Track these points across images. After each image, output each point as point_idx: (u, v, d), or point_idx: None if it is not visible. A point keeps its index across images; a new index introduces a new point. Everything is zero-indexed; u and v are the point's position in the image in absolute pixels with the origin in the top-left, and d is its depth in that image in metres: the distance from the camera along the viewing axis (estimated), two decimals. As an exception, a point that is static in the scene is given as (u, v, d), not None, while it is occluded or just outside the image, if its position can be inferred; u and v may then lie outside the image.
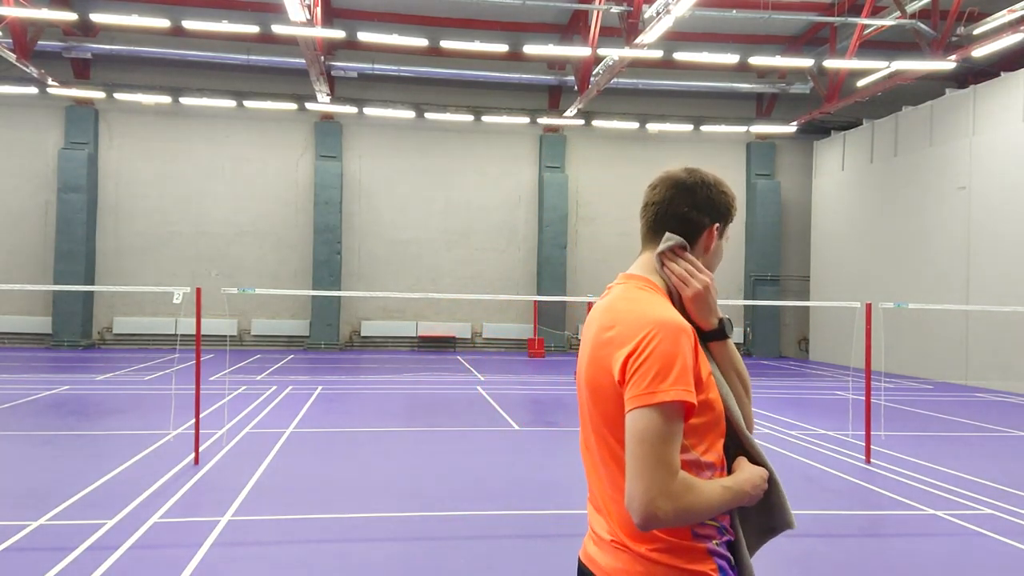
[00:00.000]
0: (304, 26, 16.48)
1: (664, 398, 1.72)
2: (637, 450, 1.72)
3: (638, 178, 26.97)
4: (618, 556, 1.86)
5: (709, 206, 2.03)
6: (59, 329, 23.46)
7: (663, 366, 1.74)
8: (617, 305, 1.93)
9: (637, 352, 1.77)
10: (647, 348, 1.77)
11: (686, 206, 2.02)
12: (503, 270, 26.31)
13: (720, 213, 2.05)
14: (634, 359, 1.77)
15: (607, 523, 1.91)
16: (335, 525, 6.64)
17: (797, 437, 11.19)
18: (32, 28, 20.23)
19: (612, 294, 2.01)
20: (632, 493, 1.72)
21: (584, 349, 2.00)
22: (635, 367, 1.76)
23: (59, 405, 12.74)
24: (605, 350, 1.86)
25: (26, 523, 6.36)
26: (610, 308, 1.94)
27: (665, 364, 1.74)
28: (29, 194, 24.18)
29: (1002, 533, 6.70)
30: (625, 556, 1.85)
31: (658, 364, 1.74)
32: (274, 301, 25.13)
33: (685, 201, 2.03)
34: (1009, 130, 17.96)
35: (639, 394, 1.74)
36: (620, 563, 1.86)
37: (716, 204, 2.04)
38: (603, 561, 1.90)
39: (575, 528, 6.74)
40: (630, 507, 1.73)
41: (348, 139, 25.72)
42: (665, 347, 1.76)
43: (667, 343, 1.76)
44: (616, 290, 2.01)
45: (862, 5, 19.56)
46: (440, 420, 12.25)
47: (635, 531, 1.82)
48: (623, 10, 17.49)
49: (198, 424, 8.82)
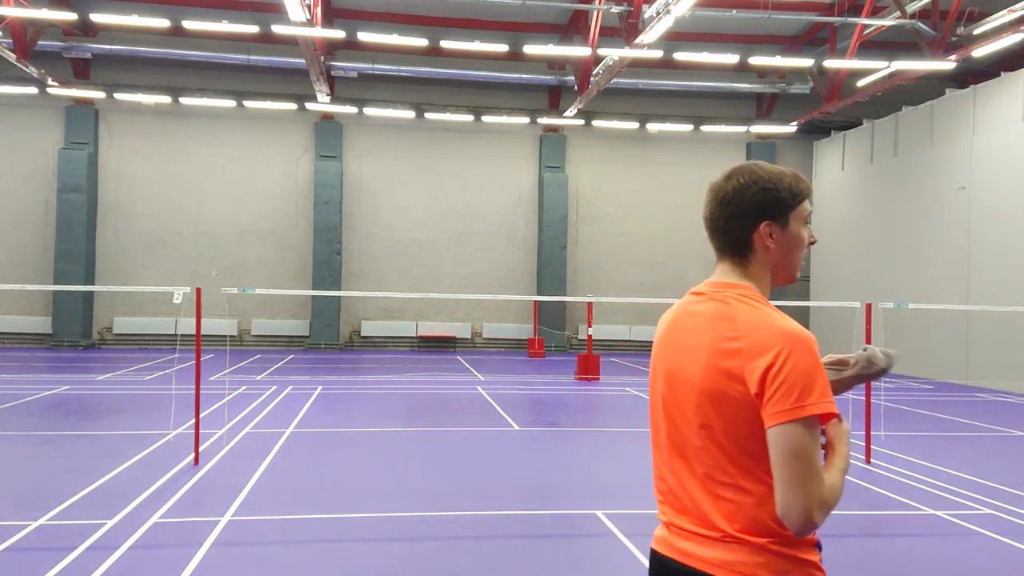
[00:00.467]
0: (304, 26, 16.48)
1: (813, 411, 1.83)
2: (793, 463, 1.83)
3: (638, 178, 27.02)
4: (734, 549, 1.94)
5: (747, 211, 2.05)
6: (59, 329, 23.46)
7: (808, 381, 1.84)
8: (737, 315, 1.97)
9: (776, 366, 1.86)
10: (787, 363, 1.85)
11: (723, 218, 2.08)
12: (503, 270, 26.31)
13: (766, 211, 2.05)
14: (774, 373, 1.86)
15: (708, 517, 1.99)
16: (335, 525, 6.64)
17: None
18: (32, 28, 20.22)
19: (720, 302, 2.04)
20: (790, 504, 1.84)
21: (687, 354, 2.04)
22: (778, 382, 1.85)
23: (59, 405, 12.74)
24: (733, 360, 1.92)
25: (26, 523, 6.36)
26: (727, 317, 1.99)
27: (809, 379, 1.85)
28: (29, 194, 24.18)
29: (1002, 533, 6.70)
30: (743, 549, 1.93)
31: (803, 379, 1.84)
32: (274, 301, 25.13)
33: (722, 213, 2.08)
34: (1009, 130, 17.96)
35: (788, 408, 1.83)
36: (737, 555, 1.94)
37: (755, 206, 2.05)
38: (711, 555, 1.97)
39: (575, 528, 6.75)
40: (787, 517, 1.85)
41: (348, 139, 25.72)
42: (805, 362, 1.86)
43: (806, 357, 1.86)
44: (723, 298, 2.04)
45: (862, 5, 19.55)
46: (440, 420, 12.25)
47: (753, 526, 1.93)
48: (623, 10, 17.49)
49: (198, 424, 8.82)
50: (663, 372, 2.11)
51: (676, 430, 2.06)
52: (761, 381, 1.87)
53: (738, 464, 1.94)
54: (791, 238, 2.08)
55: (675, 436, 2.07)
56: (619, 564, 5.81)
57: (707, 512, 1.98)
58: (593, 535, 6.51)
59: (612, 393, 15.95)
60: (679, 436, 2.06)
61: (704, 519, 1.99)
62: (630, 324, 26.74)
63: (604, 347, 25.70)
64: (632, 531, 6.52)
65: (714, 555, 1.96)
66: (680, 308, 2.14)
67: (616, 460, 9.51)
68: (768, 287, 2.10)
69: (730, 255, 2.10)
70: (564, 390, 16.34)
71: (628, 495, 7.78)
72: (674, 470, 2.08)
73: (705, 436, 1.99)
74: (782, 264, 2.10)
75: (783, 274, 2.13)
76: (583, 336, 25.01)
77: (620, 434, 11.35)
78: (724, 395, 1.94)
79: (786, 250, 2.08)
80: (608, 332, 26.19)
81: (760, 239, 2.05)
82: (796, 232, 2.08)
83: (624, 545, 6.20)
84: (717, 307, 2.03)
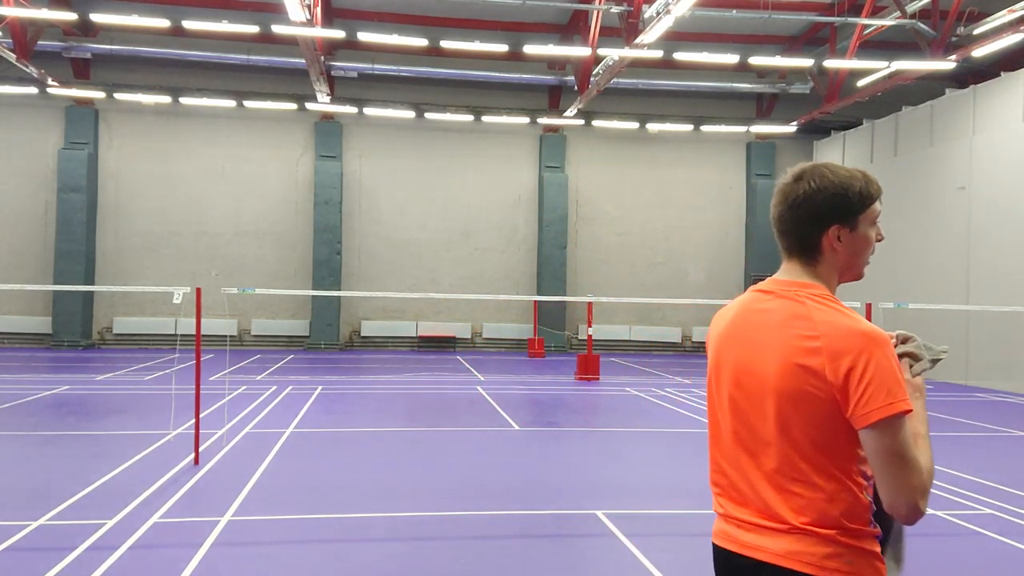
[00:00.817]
0: (304, 26, 16.48)
1: (904, 407, 1.92)
2: (893, 461, 1.92)
3: (638, 178, 27.02)
4: (802, 540, 2.01)
5: (815, 215, 2.09)
6: (59, 329, 23.46)
7: (893, 379, 1.93)
8: (813, 315, 2.02)
9: (860, 367, 1.92)
10: (871, 363, 1.92)
11: (792, 220, 2.12)
12: (503, 270, 26.31)
13: (835, 216, 2.09)
14: (860, 373, 1.92)
15: (774, 510, 2.05)
16: (335, 525, 6.64)
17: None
18: (32, 28, 20.22)
19: (793, 301, 2.08)
20: (896, 501, 1.93)
21: (759, 351, 2.08)
22: (865, 382, 1.92)
23: (59, 405, 12.74)
24: (812, 358, 1.97)
25: (26, 523, 6.36)
26: (803, 316, 2.03)
27: (894, 377, 1.93)
28: (29, 194, 24.18)
29: (1002, 533, 6.70)
30: (811, 540, 2.00)
31: (889, 378, 1.92)
32: (274, 301, 25.13)
33: (792, 216, 2.12)
34: (1009, 130, 17.96)
35: (880, 407, 1.91)
36: (805, 546, 2.01)
37: (823, 210, 2.08)
38: (778, 546, 2.03)
39: (575, 528, 6.74)
40: (895, 511, 1.95)
41: (348, 139, 25.72)
42: (887, 361, 1.94)
43: (886, 357, 1.94)
44: (797, 296, 2.08)
45: (862, 5, 19.55)
46: (440, 420, 12.25)
47: (822, 519, 1.99)
48: (623, 10, 17.49)
49: (198, 424, 8.83)
50: (731, 369, 2.15)
51: (744, 426, 2.11)
52: (845, 382, 1.93)
53: (812, 461, 2.00)
54: (859, 240, 2.12)
55: (742, 432, 2.12)
56: (619, 564, 5.81)
57: (773, 505, 2.04)
58: (593, 535, 6.51)
59: (612, 393, 15.95)
60: (747, 432, 2.10)
61: (769, 512, 2.05)
62: (630, 324, 26.74)
63: (604, 347, 25.70)
64: (632, 531, 6.53)
65: (781, 546, 2.02)
66: (746, 305, 2.17)
67: (616, 460, 9.51)
68: (835, 286, 2.15)
69: (798, 255, 2.14)
70: (564, 390, 16.34)
71: (628, 495, 7.78)
72: (738, 465, 2.13)
73: (779, 433, 2.03)
74: (849, 264, 2.15)
75: (850, 273, 2.17)
76: (583, 336, 25.01)
77: (620, 434, 11.35)
78: (803, 393, 1.98)
79: (854, 251, 2.12)
80: (608, 332, 26.20)
81: (828, 242, 2.10)
82: (864, 234, 2.12)
83: (624, 545, 6.20)
84: (790, 306, 2.06)
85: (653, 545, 6.23)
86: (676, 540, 6.55)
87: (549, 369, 20.60)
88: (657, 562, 5.80)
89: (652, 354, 26.17)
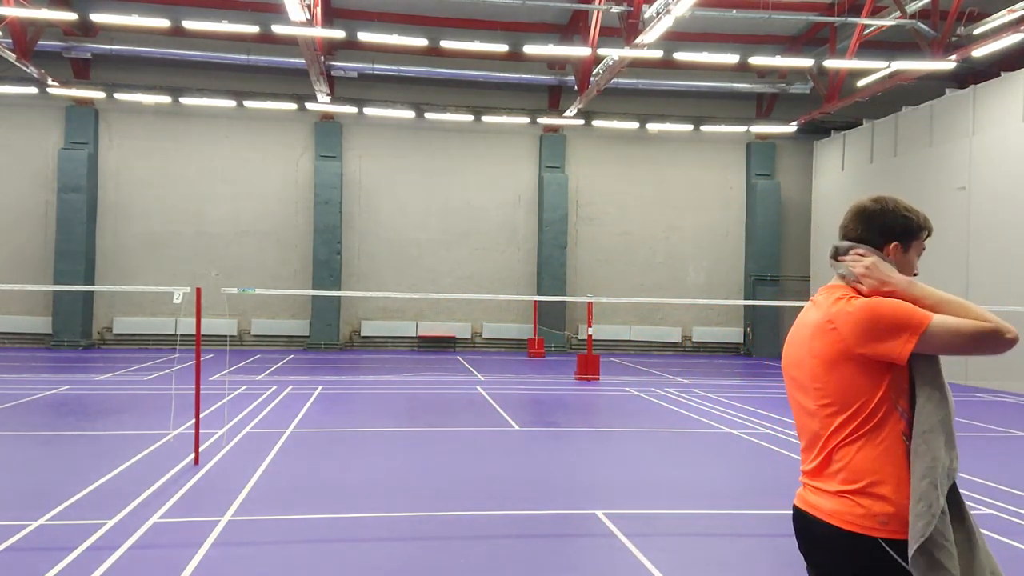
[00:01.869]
0: (304, 26, 16.48)
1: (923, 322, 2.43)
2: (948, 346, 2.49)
3: (638, 178, 27.02)
4: (843, 502, 2.41)
5: (884, 229, 2.54)
6: (59, 329, 23.46)
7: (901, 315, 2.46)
8: (830, 308, 2.52)
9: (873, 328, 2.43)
10: (879, 319, 2.43)
11: (859, 230, 2.58)
12: (503, 270, 26.32)
13: (896, 233, 2.55)
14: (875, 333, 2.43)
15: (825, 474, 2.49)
16: (335, 525, 6.64)
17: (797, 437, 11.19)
18: (32, 28, 20.23)
19: (821, 305, 2.55)
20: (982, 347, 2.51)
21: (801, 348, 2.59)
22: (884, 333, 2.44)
23: (59, 405, 12.75)
24: (834, 336, 2.49)
25: (26, 523, 6.36)
26: (825, 310, 2.53)
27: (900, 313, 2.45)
28: (29, 194, 24.18)
29: (1002, 533, 6.70)
30: (849, 501, 2.40)
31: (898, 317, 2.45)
32: (274, 301, 25.14)
33: (859, 225, 2.58)
34: (1009, 130, 17.96)
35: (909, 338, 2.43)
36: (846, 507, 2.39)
37: (891, 227, 2.54)
38: (828, 506, 2.44)
39: (575, 528, 6.75)
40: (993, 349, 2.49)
41: (348, 139, 25.72)
42: (887, 307, 2.45)
43: (885, 305, 2.47)
44: (829, 298, 2.54)
45: (862, 5, 19.55)
46: (440, 420, 12.25)
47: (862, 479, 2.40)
48: (623, 10, 17.49)
49: (198, 424, 8.83)
50: (790, 365, 2.63)
51: (802, 408, 2.57)
52: (871, 346, 2.37)
53: (849, 420, 2.41)
54: (906, 262, 2.57)
55: (802, 414, 2.59)
56: (619, 564, 5.81)
57: (823, 465, 2.47)
58: (593, 535, 6.51)
59: (612, 393, 15.95)
60: (805, 413, 2.56)
61: (822, 474, 2.48)
62: (630, 324, 26.74)
63: (604, 347, 25.70)
64: (632, 531, 6.53)
65: (829, 506, 2.42)
66: (803, 313, 2.67)
67: (616, 460, 9.51)
68: None
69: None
70: (564, 390, 16.34)
71: (628, 495, 7.78)
72: (802, 437, 2.61)
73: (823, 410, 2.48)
74: None
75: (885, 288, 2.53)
76: (583, 336, 25.02)
77: (620, 434, 11.35)
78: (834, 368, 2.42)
79: (899, 270, 2.55)
80: (608, 332, 26.21)
81: (887, 255, 2.54)
82: (911, 258, 2.59)
83: (624, 545, 6.20)
84: (821, 308, 2.53)
85: (653, 545, 6.23)
86: (676, 540, 6.55)
87: (549, 369, 20.60)
88: (657, 562, 5.80)
89: (652, 354, 26.17)
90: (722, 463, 9.57)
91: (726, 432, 11.51)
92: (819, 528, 2.42)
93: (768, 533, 6.77)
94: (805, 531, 2.52)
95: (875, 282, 2.47)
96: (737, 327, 27.28)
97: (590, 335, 18.71)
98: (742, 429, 11.76)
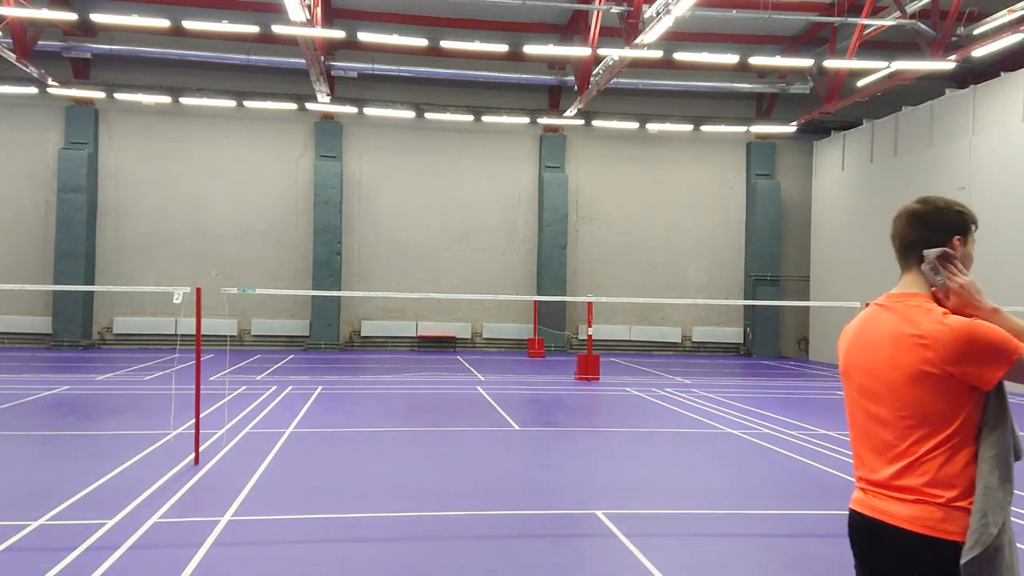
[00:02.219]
0: (304, 26, 16.48)
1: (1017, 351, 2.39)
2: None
3: (638, 178, 27.02)
4: (923, 508, 2.39)
5: (943, 227, 2.56)
6: (59, 329, 23.46)
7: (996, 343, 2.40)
8: (921, 323, 2.46)
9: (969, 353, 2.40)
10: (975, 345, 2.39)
11: (917, 233, 2.59)
12: (503, 270, 26.32)
13: (956, 228, 2.56)
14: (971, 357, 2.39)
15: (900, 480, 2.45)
16: (335, 525, 6.64)
17: (797, 437, 11.19)
18: (32, 28, 20.23)
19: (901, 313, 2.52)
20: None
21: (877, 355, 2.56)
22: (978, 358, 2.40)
23: (59, 405, 12.75)
24: (927, 353, 2.43)
25: (26, 523, 6.36)
26: (912, 323, 2.48)
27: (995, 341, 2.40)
28: (29, 194, 24.18)
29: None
30: (930, 507, 2.38)
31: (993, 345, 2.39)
32: (274, 301, 25.14)
33: (921, 228, 2.58)
34: (1009, 130, 17.96)
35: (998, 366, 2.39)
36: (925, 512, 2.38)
37: (950, 223, 2.56)
38: (903, 512, 2.42)
39: (575, 528, 6.74)
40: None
41: (348, 139, 25.72)
42: (985, 332, 2.40)
43: (983, 330, 2.40)
44: (907, 307, 2.53)
45: (862, 5, 19.56)
46: (440, 420, 12.25)
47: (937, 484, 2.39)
48: (623, 10, 17.49)
49: (198, 424, 8.83)
50: (858, 371, 2.60)
51: (869, 414, 2.54)
52: (963, 369, 2.34)
53: (929, 436, 2.40)
54: (967, 255, 2.59)
55: (869, 419, 2.55)
56: (619, 564, 5.81)
57: (899, 475, 2.44)
58: (593, 535, 6.51)
59: (612, 393, 15.95)
60: (873, 418, 2.53)
61: (896, 484, 2.44)
62: (630, 324, 26.74)
63: (604, 347, 25.70)
64: (632, 531, 6.53)
65: (906, 512, 2.41)
66: (867, 318, 2.65)
67: (616, 460, 9.51)
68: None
69: (917, 268, 2.60)
70: (564, 390, 16.34)
71: (628, 495, 7.78)
72: (868, 444, 2.55)
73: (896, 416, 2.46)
74: None
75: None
76: (583, 336, 25.02)
77: (620, 434, 11.35)
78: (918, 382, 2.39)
79: (962, 262, 2.55)
80: (608, 332, 26.21)
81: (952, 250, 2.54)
82: (970, 250, 2.60)
83: (624, 545, 6.20)
84: (900, 316, 2.51)
85: (653, 545, 6.23)
86: (676, 540, 6.55)
87: (549, 369, 20.60)
88: (657, 562, 5.80)
89: (652, 354, 26.17)
90: (722, 463, 9.57)
91: (726, 432, 11.51)
92: (892, 534, 2.42)
93: (768, 533, 6.77)
94: (871, 538, 2.51)
95: (962, 303, 2.46)
96: (737, 327, 27.28)
97: (590, 335, 18.71)
98: (742, 429, 11.76)
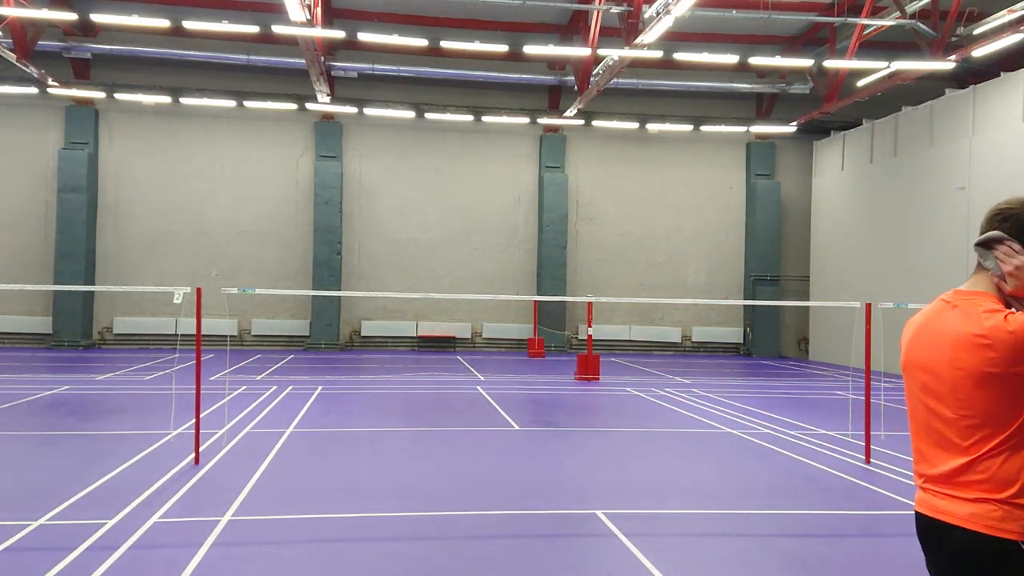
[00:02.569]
0: (304, 26, 16.48)
1: None
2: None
3: (638, 178, 27.02)
4: (982, 504, 2.40)
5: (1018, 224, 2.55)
6: (59, 329, 23.47)
7: None
8: (984, 323, 2.46)
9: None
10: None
11: (1007, 229, 2.54)
12: (503, 270, 26.32)
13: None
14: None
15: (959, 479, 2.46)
16: (335, 525, 6.64)
17: (797, 437, 11.20)
18: (32, 28, 20.23)
19: (966, 312, 2.51)
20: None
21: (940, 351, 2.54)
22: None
23: (59, 405, 12.75)
24: (989, 354, 2.42)
25: (26, 523, 6.36)
26: (975, 321, 2.48)
27: None
28: (29, 194, 24.18)
29: None
30: (989, 504, 2.40)
31: None
32: (274, 301, 25.14)
33: (1006, 225, 2.54)
34: (1009, 130, 17.96)
35: None
36: (985, 509, 2.40)
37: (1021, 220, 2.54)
38: (963, 510, 2.43)
39: (575, 528, 6.75)
40: None
41: (348, 139, 25.72)
42: None
43: None
44: (972, 305, 2.52)
45: (862, 5, 19.55)
46: (440, 420, 12.25)
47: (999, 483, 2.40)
48: (623, 10, 17.49)
49: (198, 424, 8.83)
50: (919, 366, 2.60)
51: (932, 411, 2.53)
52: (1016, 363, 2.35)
53: (991, 435, 2.40)
54: None
55: (932, 416, 2.54)
56: (619, 564, 5.81)
57: (959, 472, 2.45)
58: (593, 535, 6.51)
59: (612, 393, 15.95)
60: (936, 416, 2.52)
61: (955, 481, 2.45)
62: (630, 324, 26.74)
63: (604, 347, 25.70)
64: (632, 531, 6.53)
65: (966, 510, 2.42)
66: (931, 313, 2.64)
67: (616, 460, 9.52)
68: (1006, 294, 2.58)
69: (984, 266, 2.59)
70: (564, 390, 16.34)
71: (628, 495, 7.78)
72: (930, 442, 2.55)
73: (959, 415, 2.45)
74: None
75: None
76: (583, 336, 25.02)
77: (620, 434, 11.35)
78: (980, 382, 2.39)
79: None
80: (608, 332, 26.21)
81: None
82: None
83: (624, 545, 6.20)
84: (965, 315, 2.50)
85: (653, 545, 6.23)
86: (676, 540, 6.55)
87: (549, 369, 20.61)
88: (657, 562, 5.80)
89: (652, 354, 26.17)
90: (722, 463, 9.57)
91: (726, 432, 11.51)
92: (952, 534, 2.43)
93: (768, 533, 6.77)
94: (935, 538, 2.51)
95: (1021, 284, 2.50)
96: (737, 327, 27.28)
97: (590, 335, 18.71)
98: (742, 429, 11.76)
